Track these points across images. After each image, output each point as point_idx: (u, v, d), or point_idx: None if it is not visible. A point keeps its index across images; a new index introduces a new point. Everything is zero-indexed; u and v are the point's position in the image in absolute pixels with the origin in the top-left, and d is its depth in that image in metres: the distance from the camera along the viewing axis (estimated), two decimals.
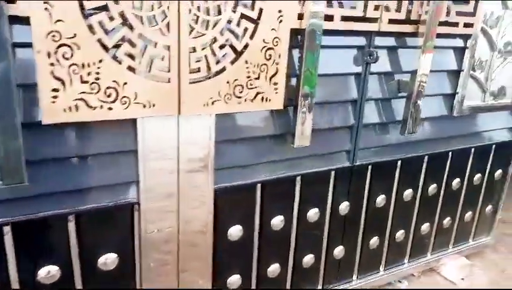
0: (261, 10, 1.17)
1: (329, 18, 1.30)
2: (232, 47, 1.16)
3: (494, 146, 2.08)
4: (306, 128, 1.35)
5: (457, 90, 1.77)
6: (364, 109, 1.58)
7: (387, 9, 1.45)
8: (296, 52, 1.32)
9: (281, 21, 1.21)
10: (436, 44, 1.63)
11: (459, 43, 1.72)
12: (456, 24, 1.61)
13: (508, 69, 1.92)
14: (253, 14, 1.16)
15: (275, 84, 1.27)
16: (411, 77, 1.55)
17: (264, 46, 1.21)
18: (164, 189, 1.22)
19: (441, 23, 1.55)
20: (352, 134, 1.58)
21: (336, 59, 1.46)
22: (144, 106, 1.09)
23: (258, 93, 1.25)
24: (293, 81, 1.34)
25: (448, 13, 1.57)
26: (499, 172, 2.18)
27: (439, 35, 1.58)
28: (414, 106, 1.58)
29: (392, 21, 1.45)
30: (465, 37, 1.71)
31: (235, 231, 1.43)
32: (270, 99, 1.28)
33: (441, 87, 1.77)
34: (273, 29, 1.20)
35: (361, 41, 1.47)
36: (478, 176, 2.09)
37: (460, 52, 1.74)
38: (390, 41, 1.56)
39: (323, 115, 1.49)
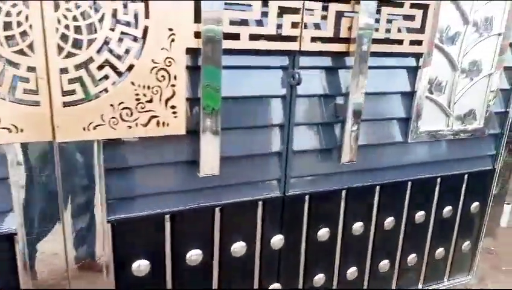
0: (146, 28, 1.08)
1: (235, 37, 1.20)
2: (114, 67, 1.07)
3: (466, 175, 1.87)
4: (212, 155, 1.24)
5: (411, 114, 1.60)
6: (301, 134, 1.44)
7: (316, 26, 1.33)
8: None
9: (173, 40, 1.11)
10: (385, 64, 1.51)
11: (411, 62, 1.57)
12: (400, 41, 1.46)
13: (476, 90, 1.73)
14: (137, 33, 1.07)
15: (173, 107, 1.17)
16: (344, 99, 1.41)
17: (155, 67, 1.11)
18: (44, 219, 1.13)
19: (380, 41, 1.41)
20: (282, 161, 1.44)
21: (262, 81, 1.35)
22: (10, 131, 1.01)
23: (152, 117, 1.15)
24: None
25: (388, 30, 1.42)
26: (475, 204, 1.95)
27: (384, 54, 1.45)
28: (350, 131, 1.43)
29: (316, 39, 1.32)
30: (418, 56, 1.55)
31: (142, 266, 1.31)
32: (168, 124, 1.18)
33: (393, 111, 1.61)
34: (163, 48, 1.11)
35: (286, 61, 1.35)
36: (448, 208, 1.87)
37: (413, 72, 1.58)
38: (327, 61, 1.43)
39: (245, 140, 1.37)
